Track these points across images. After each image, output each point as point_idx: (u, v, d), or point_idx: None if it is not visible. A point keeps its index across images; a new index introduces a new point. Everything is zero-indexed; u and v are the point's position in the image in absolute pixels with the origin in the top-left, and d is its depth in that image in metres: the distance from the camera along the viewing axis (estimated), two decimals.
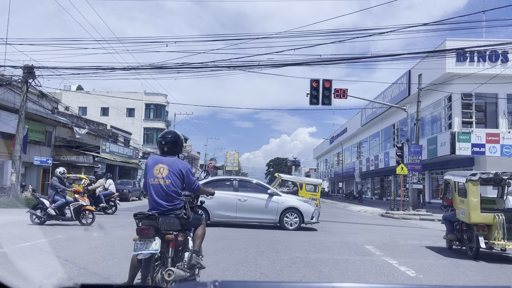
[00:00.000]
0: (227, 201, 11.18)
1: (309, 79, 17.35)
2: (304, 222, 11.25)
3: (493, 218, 7.27)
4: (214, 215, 11.17)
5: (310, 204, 11.73)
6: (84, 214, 11.03)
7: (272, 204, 11.24)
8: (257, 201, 11.27)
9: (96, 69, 17.43)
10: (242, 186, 11.71)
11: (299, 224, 11.17)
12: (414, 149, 19.53)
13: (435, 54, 18.99)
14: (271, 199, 11.28)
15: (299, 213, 11.22)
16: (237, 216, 11.21)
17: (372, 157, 35.39)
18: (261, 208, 11.24)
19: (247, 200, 11.24)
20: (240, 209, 11.18)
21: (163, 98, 45.98)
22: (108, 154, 29.56)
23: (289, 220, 11.22)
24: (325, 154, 64.71)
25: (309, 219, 11.26)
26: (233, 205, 11.16)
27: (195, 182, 4.19)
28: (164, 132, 4.25)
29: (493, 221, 7.25)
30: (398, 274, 5.99)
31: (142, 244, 3.57)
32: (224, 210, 11.17)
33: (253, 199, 11.28)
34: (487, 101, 21.04)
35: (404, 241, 9.83)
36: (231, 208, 11.16)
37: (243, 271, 5.81)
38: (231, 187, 11.57)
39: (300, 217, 11.19)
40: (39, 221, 10.72)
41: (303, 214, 11.21)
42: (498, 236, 7.12)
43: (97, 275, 5.23)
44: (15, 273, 5.26)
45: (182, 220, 4.00)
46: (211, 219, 11.09)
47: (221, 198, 11.08)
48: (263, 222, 11.51)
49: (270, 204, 11.25)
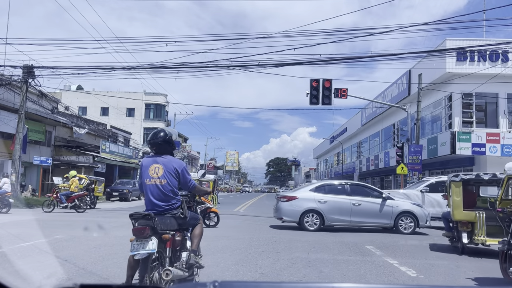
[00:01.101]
0: (342, 205, 11.21)
1: (309, 78, 17.32)
2: (419, 226, 11.29)
3: (474, 216, 7.75)
4: (328, 219, 11.24)
5: (422, 208, 11.76)
6: (209, 216, 11.18)
7: (387, 208, 11.27)
8: (371, 205, 11.30)
9: (96, 68, 17.42)
10: (355, 190, 11.72)
11: (414, 228, 11.21)
12: (414, 149, 19.50)
13: (435, 54, 18.96)
14: (385, 203, 11.31)
15: (414, 217, 11.27)
16: (351, 220, 11.28)
17: (372, 157, 35.36)
18: (376, 213, 11.26)
19: (361, 205, 11.25)
20: (355, 213, 11.22)
21: (163, 98, 45.96)
22: (108, 154, 29.53)
23: (403, 224, 11.27)
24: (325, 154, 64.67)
25: (424, 223, 11.32)
26: (347, 210, 11.20)
27: (190, 181, 4.16)
28: (153, 133, 4.18)
29: (475, 219, 7.72)
30: (398, 274, 5.97)
31: (139, 244, 3.55)
32: (339, 214, 11.17)
33: (367, 203, 11.30)
34: (488, 100, 21.00)
35: (404, 241, 9.81)
36: (345, 213, 11.19)
37: (243, 271, 5.78)
38: (344, 191, 11.58)
39: (415, 221, 11.25)
40: None
41: (418, 218, 11.26)
42: (478, 232, 7.57)
43: (96, 275, 5.21)
44: (14, 273, 5.24)
45: (179, 220, 3.97)
46: (326, 223, 11.25)
47: (335, 203, 11.19)
48: (378, 226, 11.52)
49: (384, 209, 11.27)
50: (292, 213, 11.28)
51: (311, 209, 11.20)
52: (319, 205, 11.15)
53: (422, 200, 13.94)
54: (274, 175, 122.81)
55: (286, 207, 11.35)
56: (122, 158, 32.55)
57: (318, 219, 11.16)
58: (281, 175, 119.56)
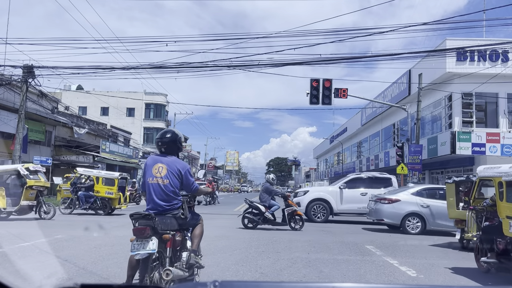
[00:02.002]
0: (445, 210, 10.97)
1: (309, 78, 17.29)
2: None
3: (465, 214, 8.17)
4: (431, 224, 11.31)
5: None
6: (295, 219, 11.18)
7: None
8: None
9: (96, 68, 17.38)
10: None
11: None
12: (414, 148, 19.49)
13: (435, 54, 18.94)
14: None
15: None
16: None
17: (372, 156, 35.33)
18: None
19: None
20: None
21: (163, 97, 45.94)
22: (108, 154, 29.53)
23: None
24: (325, 154, 64.62)
25: None
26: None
27: (193, 183, 4.15)
28: (162, 132, 4.20)
29: (465, 217, 8.14)
30: (399, 274, 5.97)
31: (139, 244, 3.55)
32: (443, 219, 11.00)
33: None
34: (488, 100, 20.98)
35: (404, 241, 9.81)
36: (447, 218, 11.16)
37: (243, 271, 5.79)
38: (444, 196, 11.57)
39: None
40: (251, 225, 10.94)
41: None
42: (469, 230, 7.91)
43: (96, 275, 5.21)
44: (14, 273, 5.24)
45: (179, 220, 3.97)
46: (427, 227, 11.31)
47: (438, 208, 11.14)
48: None
49: None
50: (394, 216, 11.39)
51: (413, 212, 11.31)
52: (421, 209, 11.28)
53: (340, 196, 14.35)
54: (274, 175, 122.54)
55: (388, 209, 11.42)
56: (122, 158, 32.54)
57: (420, 222, 11.28)
58: (281, 175, 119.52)
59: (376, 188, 14.08)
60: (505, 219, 5.74)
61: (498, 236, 5.89)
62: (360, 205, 13.90)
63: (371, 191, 13.82)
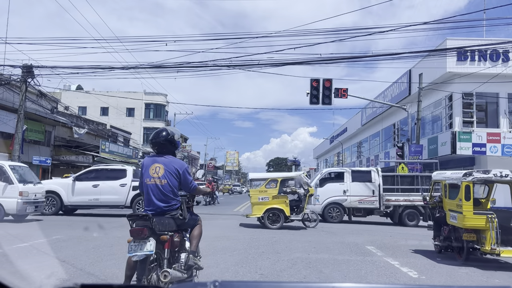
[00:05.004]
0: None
1: (310, 78, 17.27)
2: None
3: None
4: None
5: None
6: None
7: None
8: None
9: (96, 68, 17.33)
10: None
11: None
12: (414, 148, 19.44)
13: (436, 53, 18.89)
14: None
15: None
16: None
17: (372, 156, 35.28)
18: None
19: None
20: None
21: (163, 97, 45.89)
22: (107, 154, 29.47)
23: None
24: (325, 154, 64.57)
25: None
26: None
27: (191, 182, 4.09)
28: (155, 132, 4.10)
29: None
30: (400, 275, 5.92)
31: (137, 246, 3.49)
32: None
33: None
34: (488, 100, 20.94)
35: (405, 241, 9.76)
36: None
37: (242, 272, 5.74)
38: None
39: None
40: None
41: None
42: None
43: (94, 276, 5.16)
44: (14, 273, 5.19)
45: (177, 221, 3.91)
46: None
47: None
48: None
49: None
50: None
51: None
52: None
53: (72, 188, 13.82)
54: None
55: None
56: (122, 158, 32.47)
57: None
58: None
59: (110, 180, 13.75)
60: (448, 211, 7.68)
61: (444, 224, 7.82)
62: (91, 197, 13.61)
63: (104, 183, 13.62)
